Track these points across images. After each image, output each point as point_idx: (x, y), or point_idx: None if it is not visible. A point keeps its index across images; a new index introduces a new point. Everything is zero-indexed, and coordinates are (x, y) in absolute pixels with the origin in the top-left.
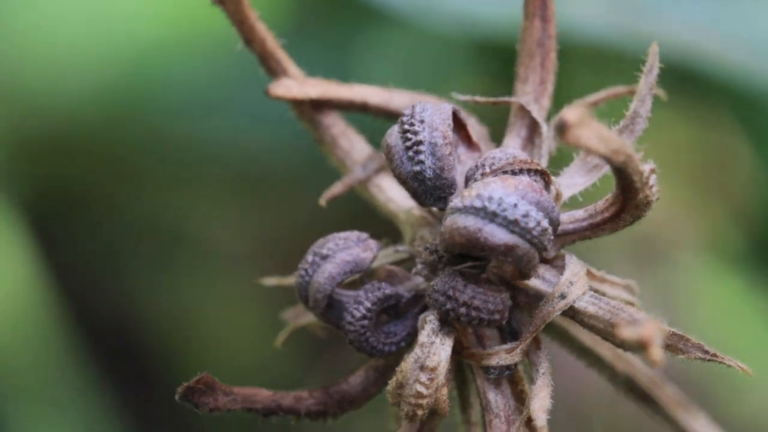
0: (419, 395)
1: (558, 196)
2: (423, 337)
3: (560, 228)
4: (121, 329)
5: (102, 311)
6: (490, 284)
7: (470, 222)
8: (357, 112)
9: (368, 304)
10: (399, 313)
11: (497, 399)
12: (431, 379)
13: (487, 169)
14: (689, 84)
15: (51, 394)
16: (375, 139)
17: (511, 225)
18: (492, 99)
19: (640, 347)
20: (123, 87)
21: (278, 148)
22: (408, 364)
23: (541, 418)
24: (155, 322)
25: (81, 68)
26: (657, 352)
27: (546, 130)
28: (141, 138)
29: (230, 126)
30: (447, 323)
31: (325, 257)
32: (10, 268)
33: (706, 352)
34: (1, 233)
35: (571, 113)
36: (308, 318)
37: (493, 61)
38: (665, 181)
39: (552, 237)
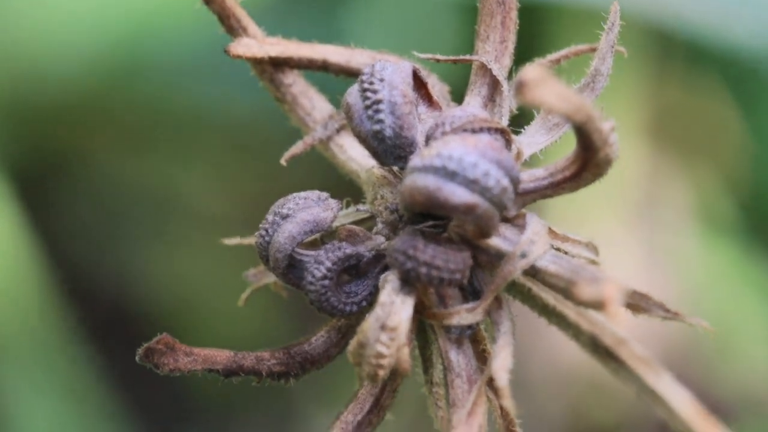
0: (380, 355)
1: (519, 155)
2: (384, 296)
3: (521, 187)
4: (113, 296)
5: (95, 278)
6: (451, 243)
7: (430, 181)
8: (317, 70)
9: (329, 264)
10: (360, 273)
11: (459, 359)
12: (392, 339)
13: (447, 128)
14: (679, 50)
15: (43, 362)
16: (336, 99)
17: (471, 184)
18: (452, 58)
19: (600, 306)
20: (117, 54)
21: (271, 115)
22: (369, 324)
23: (502, 378)
24: (148, 288)
25: (76, 36)
26: (617, 311)
27: (507, 89)
28: (134, 105)
29: (224, 93)
30: (408, 283)
31: (285, 217)
32: (2, 234)
33: (668, 311)
34: None
35: (530, 72)
36: (270, 278)
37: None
38: (655, 148)
39: (512, 196)
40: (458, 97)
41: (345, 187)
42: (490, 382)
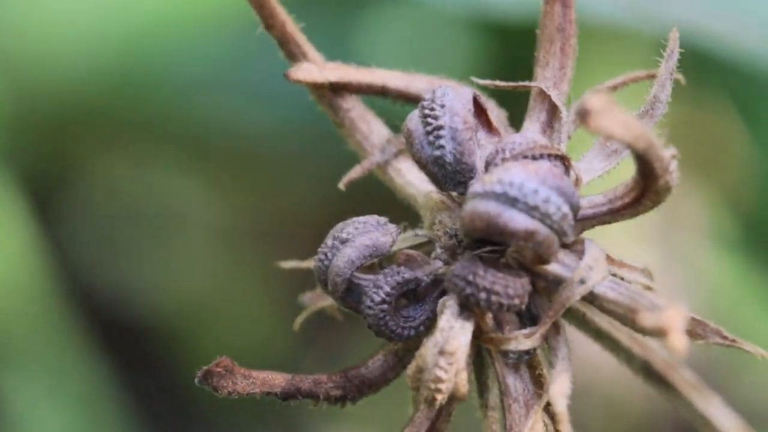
0: (439, 380)
1: (578, 181)
2: (443, 321)
3: (580, 213)
4: (118, 306)
5: (100, 287)
6: (509, 269)
7: (491, 207)
8: (376, 95)
9: (387, 288)
10: (418, 298)
11: (516, 383)
12: (450, 364)
13: (508, 154)
14: (686, 65)
15: (49, 369)
16: (393, 122)
17: (531, 210)
18: (512, 84)
19: (661, 333)
20: (123, 65)
21: (277, 128)
22: (428, 348)
23: (560, 403)
24: (153, 298)
25: (81, 45)
26: (679, 339)
27: (565, 115)
28: (141, 115)
29: (229, 105)
30: (467, 308)
31: (344, 241)
32: (9, 243)
33: (725, 337)
34: (1, 208)
35: (593, 100)
36: (326, 301)
37: (494, 40)
38: None
39: (572, 222)
40: (512, 122)
41: (350, 204)
42: (547, 407)
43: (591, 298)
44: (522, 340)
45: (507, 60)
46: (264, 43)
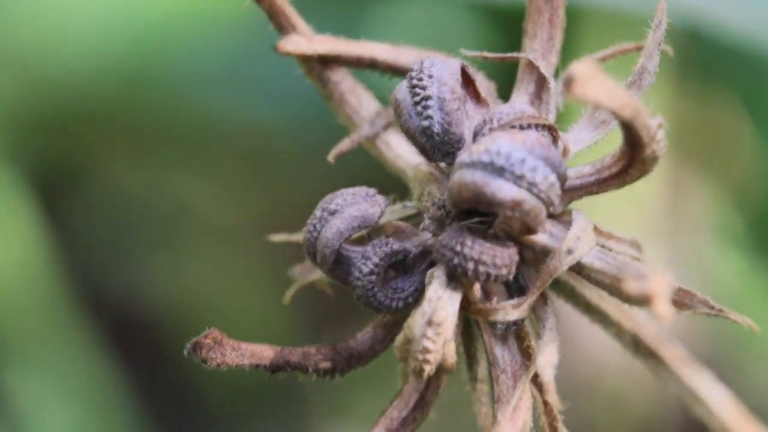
0: (426, 350)
1: (565, 152)
2: (430, 292)
3: (567, 183)
4: (125, 304)
5: (106, 286)
6: (497, 239)
7: (478, 177)
8: (365, 68)
9: (376, 260)
10: (406, 269)
11: (504, 354)
12: (438, 334)
13: (495, 124)
14: (693, 62)
15: (56, 367)
16: (383, 96)
17: (518, 180)
18: (500, 55)
19: (646, 301)
20: (129, 63)
21: (284, 125)
22: (415, 319)
23: (547, 374)
24: (160, 296)
25: (89, 43)
26: (664, 306)
27: (554, 86)
28: (149, 113)
29: (237, 102)
30: (454, 278)
31: (333, 212)
32: (16, 241)
33: (712, 307)
34: (8, 208)
35: (579, 68)
36: (315, 274)
37: (500, 27)
38: (674, 162)
39: (559, 192)
40: (503, 95)
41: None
42: (535, 378)
43: (578, 269)
44: (510, 311)
45: (514, 47)
46: (271, 39)
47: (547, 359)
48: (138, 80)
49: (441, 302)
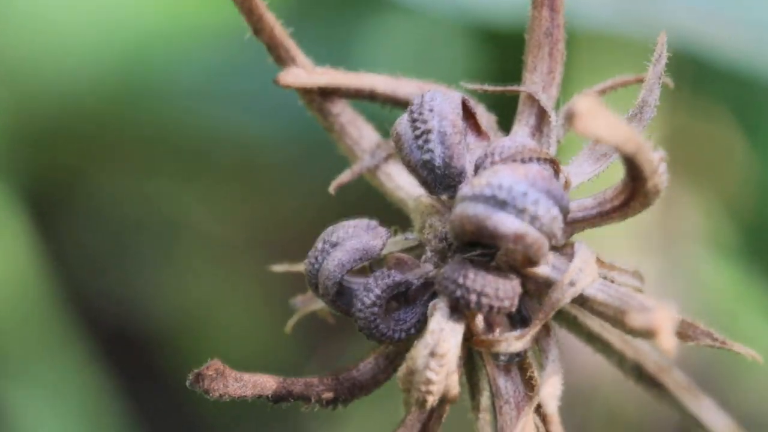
0: (429, 382)
1: (567, 184)
2: (433, 323)
3: (570, 216)
4: (120, 317)
5: (102, 299)
6: (499, 272)
7: (480, 210)
8: (365, 100)
9: (378, 291)
10: (408, 301)
11: (507, 385)
12: (441, 366)
13: (497, 158)
14: (685, 74)
15: (49, 378)
16: (383, 127)
17: (520, 213)
18: (500, 88)
19: (651, 334)
20: (123, 76)
21: (276, 138)
22: (418, 350)
23: (551, 405)
24: (154, 309)
25: (81, 56)
26: (668, 339)
27: (554, 119)
28: (140, 127)
29: (229, 115)
30: (457, 310)
31: (335, 245)
32: (10, 254)
33: (715, 338)
34: (1, 220)
35: (581, 103)
36: (317, 304)
37: (496, 47)
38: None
39: (562, 225)
40: (501, 124)
41: (349, 212)
42: (538, 409)
43: (581, 301)
44: (512, 342)
45: (505, 67)
46: (262, 53)
47: (550, 390)
48: (129, 94)
49: (444, 334)
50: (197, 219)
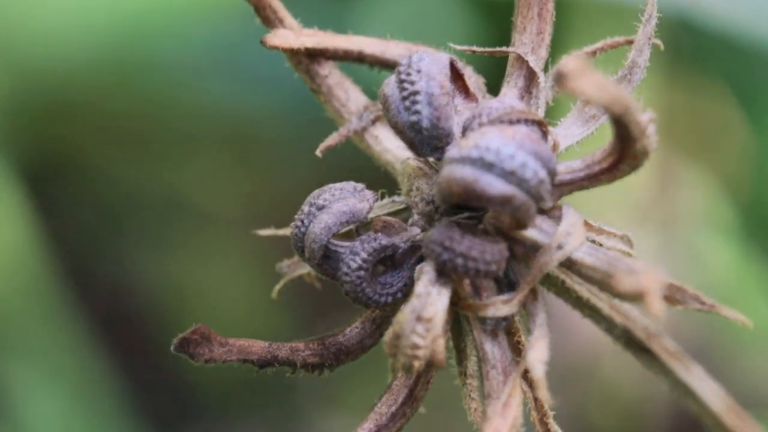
0: (416, 346)
1: (555, 147)
2: (420, 287)
3: (557, 178)
4: (116, 293)
5: (98, 275)
6: (487, 235)
7: (467, 172)
8: (353, 62)
9: (364, 255)
10: (395, 264)
11: (494, 350)
12: (428, 330)
13: (485, 119)
14: (683, 51)
15: (46, 356)
16: (371, 89)
17: (508, 175)
18: (489, 49)
19: (638, 297)
20: (119, 53)
21: (272, 114)
22: (405, 314)
23: (538, 369)
24: (150, 285)
25: (78, 34)
26: (656, 302)
27: (543, 81)
28: (137, 103)
29: (227, 92)
30: (444, 274)
31: (321, 207)
32: (7, 231)
33: (704, 302)
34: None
35: (569, 63)
36: (304, 269)
37: (489, 17)
38: (663, 151)
39: (549, 187)
40: (492, 90)
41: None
42: (525, 374)
43: (569, 264)
44: (500, 307)
45: (502, 36)
46: (257, 28)
47: (537, 355)
48: (125, 70)
49: (430, 298)
50: (194, 195)
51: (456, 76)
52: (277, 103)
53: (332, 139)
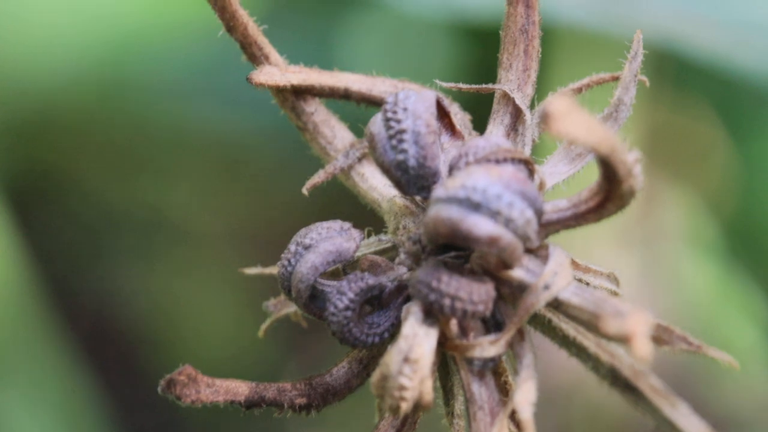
0: (403, 387)
1: (542, 185)
2: (407, 328)
3: (544, 218)
4: (99, 312)
5: (81, 294)
6: (474, 275)
7: (454, 212)
8: (339, 99)
9: (351, 295)
10: (382, 304)
11: (481, 391)
12: (415, 371)
13: (471, 158)
14: (667, 71)
15: (30, 375)
16: (357, 126)
17: (494, 215)
18: (475, 86)
19: (625, 339)
20: (104, 72)
21: (257, 134)
22: (392, 356)
23: (525, 411)
24: (134, 305)
25: (62, 53)
26: (643, 345)
27: (529, 118)
28: (121, 123)
29: (210, 112)
30: (431, 314)
31: (307, 247)
32: None
33: (691, 343)
34: None
35: (556, 103)
36: (290, 308)
37: (474, 44)
38: (646, 169)
39: (536, 227)
40: (477, 122)
41: (329, 209)
42: (512, 415)
43: (556, 304)
44: (487, 347)
45: (485, 64)
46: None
47: (524, 396)
48: (112, 90)
49: (417, 339)
50: (180, 216)
51: (442, 113)
52: (261, 123)
53: (318, 177)
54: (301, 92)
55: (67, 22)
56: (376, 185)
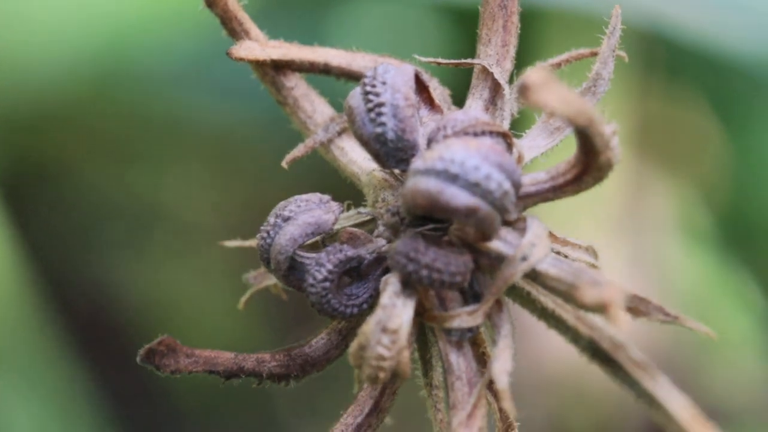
0: (381, 357)
1: (520, 158)
2: (385, 299)
3: (522, 190)
4: (94, 302)
5: (75, 285)
6: (452, 246)
7: (432, 184)
8: (319, 73)
9: (330, 266)
10: (361, 276)
11: (459, 361)
12: (393, 342)
13: (449, 131)
14: (658, 60)
15: (24, 366)
16: (337, 101)
17: (472, 187)
18: (454, 61)
19: (602, 309)
20: (98, 63)
21: (251, 125)
22: (370, 326)
23: (502, 381)
24: (128, 294)
25: (56, 44)
26: (620, 314)
27: (508, 93)
28: (115, 114)
29: (204, 103)
30: (409, 285)
31: (287, 219)
32: None
33: (668, 314)
34: None
35: (533, 75)
36: (270, 280)
37: (466, 29)
38: (638, 159)
39: (514, 199)
40: (457, 101)
41: (336, 195)
42: (490, 385)
43: (533, 276)
44: (464, 318)
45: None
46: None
47: (502, 366)
48: (107, 80)
49: (395, 309)
50: (175, 206)
51: (421, 88)
52: (256, 114)
53: (298, 151)
54: (281, 67)
55: (61, 13)
56: (355, 159)
